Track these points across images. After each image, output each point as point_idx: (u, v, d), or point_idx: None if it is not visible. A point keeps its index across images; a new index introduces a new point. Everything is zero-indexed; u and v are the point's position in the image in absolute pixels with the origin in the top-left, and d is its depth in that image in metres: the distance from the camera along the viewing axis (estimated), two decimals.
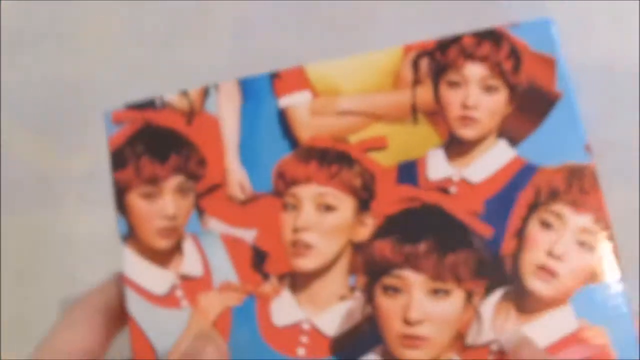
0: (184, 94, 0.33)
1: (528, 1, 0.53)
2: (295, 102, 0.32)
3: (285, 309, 0.31)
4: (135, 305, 0.32)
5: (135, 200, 0.33)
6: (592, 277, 0.30)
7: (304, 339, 0.31)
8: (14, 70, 0.51)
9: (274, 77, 0.33)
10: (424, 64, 0.32)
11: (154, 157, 0.33)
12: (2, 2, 0.52)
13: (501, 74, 0.32)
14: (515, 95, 0.32)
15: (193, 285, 0.32)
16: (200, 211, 0.33)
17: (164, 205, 0.33)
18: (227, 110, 0.33)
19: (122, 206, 0.34)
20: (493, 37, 0.32)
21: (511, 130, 0.32)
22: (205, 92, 0.33)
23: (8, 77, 0.51)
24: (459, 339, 0.30)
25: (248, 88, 0.33)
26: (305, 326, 0.31)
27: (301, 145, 0.32)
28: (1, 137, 0.50)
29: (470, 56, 0.32)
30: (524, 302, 0.30)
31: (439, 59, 0.32)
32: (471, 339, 0.30)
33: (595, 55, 0.52)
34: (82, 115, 0.50)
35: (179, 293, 0.32)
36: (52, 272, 0.48)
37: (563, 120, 0.32)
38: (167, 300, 0.32)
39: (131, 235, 0.33)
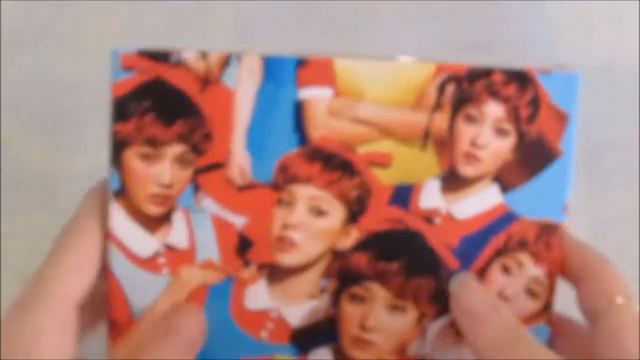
0: (204, 55, 0.32)
1: (528, 1, 0.53)
2: (315, 96, 0.31)
3: (258, 295, 0.34)
4: (117, 262, 0.33)
5: (133, 159, 0.32)
6: (528, 321, 0.34)
7: (269, 325, 0.34)
8: (14, 70, 0.51)
9: (300, 63, 0.31)
10: (450, 89, 0.32)
11: (160, 118, 0.32)
12: (2, 2, 0.52)
13: (516, 120, 0.32)
14: (522, 143, 0.33)
15: (176, 256, 0.33)
16: (196, 186, 0.32)
17: (161, 171, 0.32)
18: (245, 87, 0.32)
19: (117, 162, 0.33)
20: (522, 79, 0.32)
21: (506, 177, 0.33)
22: (226, 61, 0.32)
23: (8, 77, 0.51)
24: (401, 349, 0.34)
25: (271, 68, 0.31)
26: (273, 314, 0.34)
27: (310, 144, 0.32)
28: (1, 137, 0.50)
29: (494, 93, 0.32)
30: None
31: (465, 89, 0.32)
32: (412, 350, 0.34)
33: (595, 55, 0.52)
34: (82, 115, 0.50)
35: (161, 260, 0.33)
36: None
37: (554, 178, 0.33)
38: (149, 264, 0.33)
39: (122, 194, 0.33)
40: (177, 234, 0.33)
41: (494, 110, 0.32)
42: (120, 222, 0.33)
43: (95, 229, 0.32)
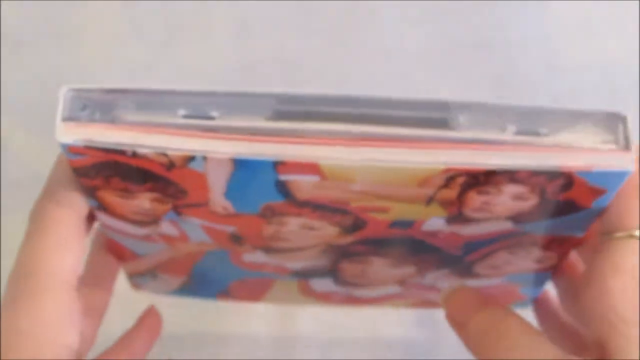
0: (163, 154, 0.25)
1: (528, 1, 0.53)
2: (300, 179, 0.26)
3: (256, 256, 0.32)
4: (114, 235, 0.32)
5: (109, 197, 0.29)
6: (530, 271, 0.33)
7: (269, 268, 0.33)
8: (14, 70, 0.51)
9: (277, 163, 0.25)
10: (460, 180, 0.26)
11: (127, 181, 0.27)
12: (2, 2, 0.52)
13: (541, 193, 0.27)
14: (543, 203, 0.27)
15: (170, 239, 0.32)
16: (179, 212, 0.29)
17: (141, 203, 0.29)
18: (215, 173, 0.26)
19: (94, 198, 0.29)
20: (554, 174, 0.25)
21: (521, 217, 0.29)
22: (189, 158, 0.25)
23: (8, 77, 0.51)
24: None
25: (243, 165, 0.25)
26: (273, 264, 0.33)
27: (297, 199, 0.27)
28: (1, 137, 0.50)
29: (516, 181, 0.26)
30: (466, 278, 0.34)
31: (480, 179, 0.26)
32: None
33: (595, 55, 0.52)
34: None
35: (156, 238, 0.32)
36: None
37: (576, 220, 0.28)
38: (146, 238, 0.32)
39: (105, 211, 0.30)
40: (167, 229, 0.31)
41: (513, 188, 0.26)
42: (109, 221, 0.30)
43: (73, 200, 0.29)
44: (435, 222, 0.29)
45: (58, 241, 0.29)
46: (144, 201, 0.28)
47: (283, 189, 0.26)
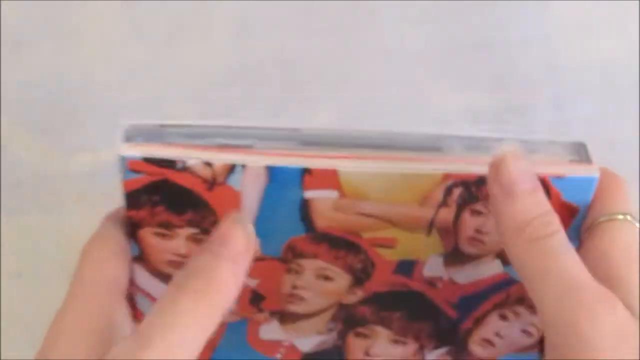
0: (208, 164, 0.31)
1: (528, 1, 0.53)
2: (321, 196, 0.31)
3: (271, 329, 0.36)
4: (141, 302, 0.34)
5: (149, 236, 0.32)
6: (522, 350, 0.36)
7: (282, 350, 0.37)
8: (14, 70, 0.51)
9: (304, 171, 0.30)
10: (457, 192, 0.31)
11: (170, 209, 0.31)
12: (2, 2, 0.52)
13: None
14: None
15: None
16: None
17: (177, 245, 0.32)
18: (250, 189, 0.31)
19: (134, 237, 0.33)
20: None
21: None
22: (230, 168, 0.31)
23: (8, 77, 0.51)
24: None
25: (276, 174, 0.30)
26: (285, 343, 0.37)
27: (316, 231, 0.32)
28: (1, 137, 0.50)
29: None
30: (462, 357, 0.37)
31: (472, 191, 0.31)
32: None
33: (595, 55, 0.52)
34: (82, 115, 0.50)
35: None
36: (52, 272, 0.48)
37: None
38: None
39: (141, 258, 0.33)
40: None
41: None
42: (142, 277, 0.33)
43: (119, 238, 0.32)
44: (434, 262, 0.33)
45: (108, 254, 0.31)
46: (180, 241, 0.32)
47: (306, 214, 0.31)
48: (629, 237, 0.30)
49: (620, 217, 0.30)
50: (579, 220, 0.31)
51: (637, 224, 0.30)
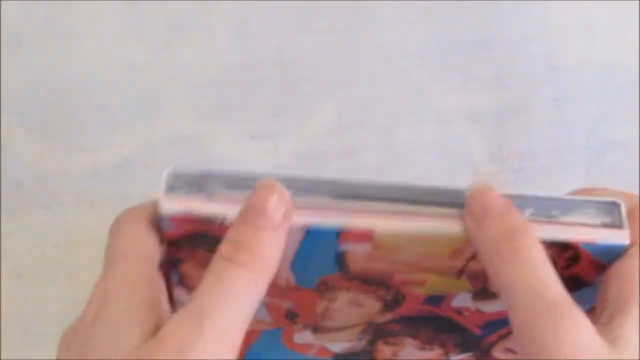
0: None
1: (528, 1, 0.53)
2: (356, 248, 0.32)
3: (304, 336, 0.38)
4: None
5: (190, 269, 0.33)
6: None
7: (314, 351, 0.39)
8: (14, 70, 0.51)
9: (340, 231, 0.31)
10: None
11: (211, 251, 0.31)
12: (2, 2, 0.52)
13: (552, 265, 0.32)
14: None
15: None
16: None
17: None
18: (287, 242, 0.31)
19: (176, 270, 0.33)
20: (564, 246, 0.31)
21: None
22: None
23: (8, 77, 0.51)
24: None
25: (313, 231, 0.31)
26: (317, 345, 0.39)
27: (349, 272, 0.33)
28: (1, 137, 0.50)
29: None
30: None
31: None
32: None
33: (595, 55, 0.52)
34: (82, 115, 0.50)
35: None
36: (52, 272, 0.48)
37: (579, 298, 0.31)
38: None
39: (181, 284, 0.34)
40: None
41: None
42: (183, 299, 0.34)
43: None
44: (462, 296, 0.34)
45: (140, 232, 0.31)
46: None
47: (340, 260, 0.32)
48: None
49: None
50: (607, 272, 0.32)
51: None
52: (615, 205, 0.31)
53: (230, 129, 0.50)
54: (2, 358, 0.46)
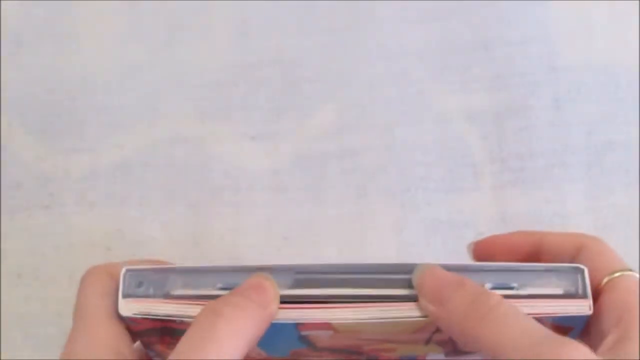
0: None
1: (528, 1, 0.53)
2: (318, 333, 0.32)
3: None
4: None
5: (163, 347, 0.34)
6: None
7: None
8: (14, 70, 0.51)
9: (298, 324, 0.32)
10: None
11: (177, 336, 0.32)
12: (2, 2, 0.52)
13: None
14: None
15: None
16: None
17: None
18: None
19: (150, 349, 0.34)
20: None
21: None
22: None
23: (8, 77, 0.51)
24: None
25: (272, 325, 0.31)
26: None
27: (317, 347, 0.33)
28: (1, 137, 0.50)
29: None
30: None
31: None
32: None
33: (595, 55, 0.52)
34: (82, 115, 0.50)
35: None
36: (52, 272, 0.48)
37: None
38: None
39: (160, 356, 0.35)
40: None
41: None
42: None
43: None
44: (435, 355, 0.35)
45: (99, 289, 0.32)
46: None
47: (305, 340, 0.32)
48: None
49: (627, 272, 0.31)
50: (574, 334, 0.32)
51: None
52: (578, 271, 0.31)
53: (230, 129, 0.50)
54: (2, 358, 0.46)
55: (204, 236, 0.48)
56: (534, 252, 0.34)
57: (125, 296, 0.31)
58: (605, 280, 0.31)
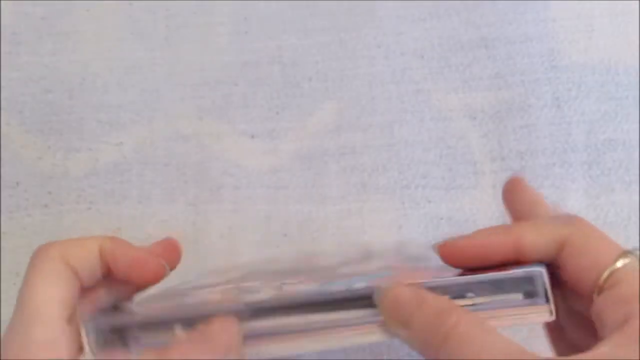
0: None
1: (528, 1, 0.53)
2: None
3: None
4: None
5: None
6: None
7: None
8: (14, 70, 0.51)
9: None
10: None
11: None
12: (2, 2, 0.52)
13: None
14: None
15: None
16: None
17: None
18: None
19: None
20: None
21: None
22: None
23: (8, 77, 0.51)
24: None
25: None
26: None
27: None
28: (1, 137, 0.50)
29: None
30: None
31: None
32: None
33: (595, 55, 0.52)
34: (80, 114, 0.50)
35: None
36: None
37: None
38: None
39: None
40: None
41: None
42: None
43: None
44: None
45: (49, 278, 0.32)
46: None
47: None
48: None
49: (623, 261, 0.30)
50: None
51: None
52: (536, 273, 0.30)
53: (230, 129, 0.50)
54: (2, 358, 0.46)
55: (203, 234, 0.48)
56: (512, 253, 0.32)
57: (89, 346, 0.31)
58: (605, 274, 0.30)
